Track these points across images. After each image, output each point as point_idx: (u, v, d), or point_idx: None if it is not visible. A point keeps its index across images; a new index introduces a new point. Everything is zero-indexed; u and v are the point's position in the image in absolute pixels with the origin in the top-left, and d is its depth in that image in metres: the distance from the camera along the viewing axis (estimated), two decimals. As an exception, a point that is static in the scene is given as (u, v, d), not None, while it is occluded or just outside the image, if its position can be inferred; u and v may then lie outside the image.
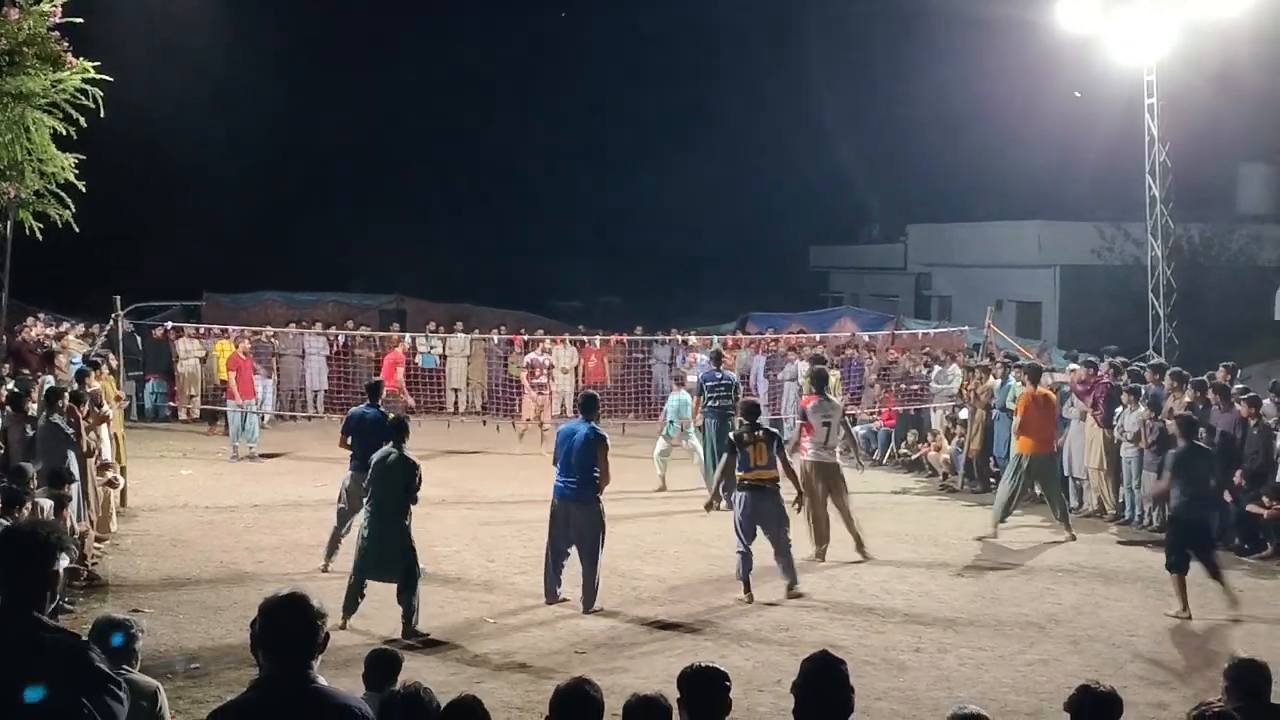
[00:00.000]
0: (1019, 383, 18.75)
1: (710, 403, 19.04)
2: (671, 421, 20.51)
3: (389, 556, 12.00)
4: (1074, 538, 16.83)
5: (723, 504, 17.01)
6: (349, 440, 14.33)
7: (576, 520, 12.92)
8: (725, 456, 14.42)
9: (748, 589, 13.52)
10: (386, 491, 12.14)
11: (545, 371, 24.09)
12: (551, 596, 13.07)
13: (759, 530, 13.74)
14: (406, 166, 50.61)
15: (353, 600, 12.07)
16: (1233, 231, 32.51)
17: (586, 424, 13.09)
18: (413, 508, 12.26)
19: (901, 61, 45.78)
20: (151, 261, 37.83)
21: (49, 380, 17.14)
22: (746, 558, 13.64)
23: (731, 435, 14.43)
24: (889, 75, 46.56)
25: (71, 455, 14.30)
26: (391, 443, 12.35)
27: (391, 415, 13.64)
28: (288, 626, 4.75)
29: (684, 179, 48.43)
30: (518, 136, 51.75)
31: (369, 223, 45.57)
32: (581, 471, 12.89)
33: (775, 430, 14.55)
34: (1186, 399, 17.28)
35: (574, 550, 13.05)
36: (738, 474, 13.90)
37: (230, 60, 42.14)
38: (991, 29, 30.73)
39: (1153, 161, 21.94)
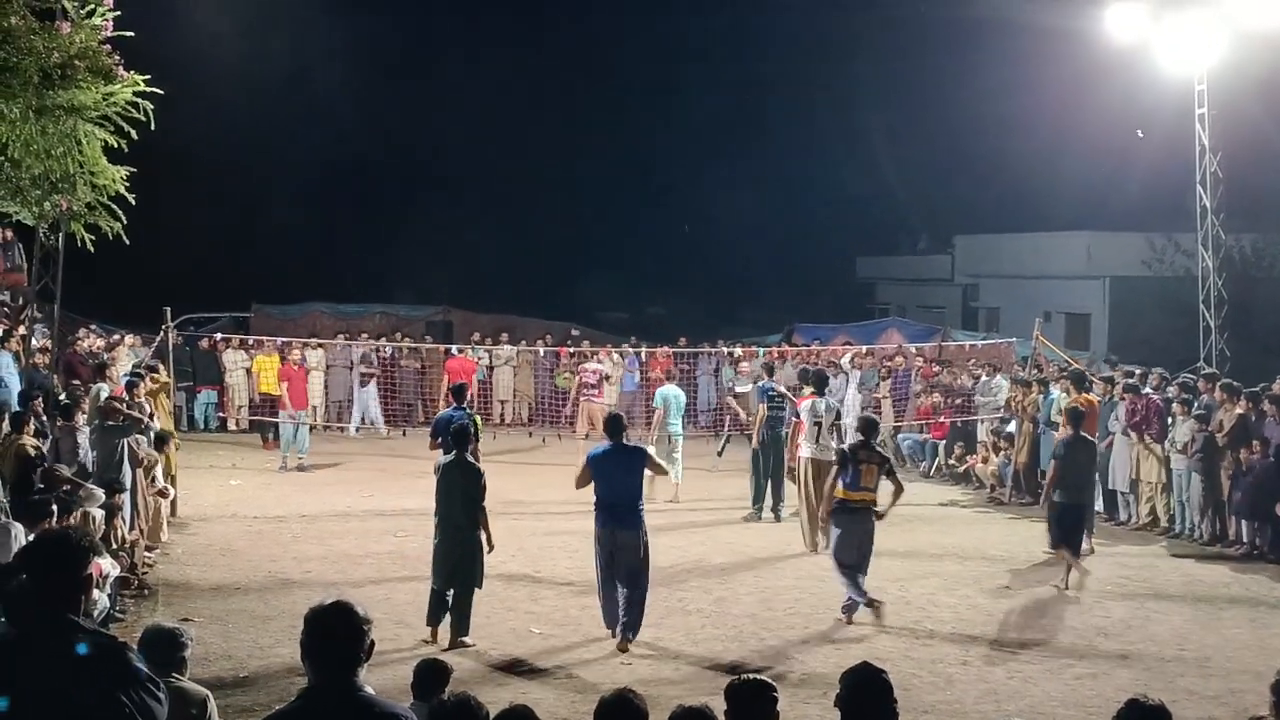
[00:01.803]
0: (1063, 393, 18.66)
1: (771, 412, 18.81)
2: (672, 421, 20.13)
3: (455, 563, 11.97)
4: (1092, 550, 16.63)
5: (773, 515, 17.12)
6: (439, 441, 14.63)
7: (623, 546, 12.12)
8: (835, 469, 13.37)
9: (849, 615, 13.05)
10: (451, 498, 12.12)
11: (600, 380, 24.31)
12: (614, 624, 12.23)
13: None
14: (452, 178, 50.75)
15: (436, 610, 12.04)
16: (1286, 243, 32.20)
17: (619, 446, 12.37)
18: (481, 514, 12.11)
19: (949, 71, 45.57)
20: (200, 273, 38.11)
21: (104, 389, 17.29)
22: (855, 583, 13.05)
23: (845, 448, 13.57)
24: (936, 85, 46.37)
25: (125, 464, 14.46)
26: (454, 451, 12.30)
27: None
28: (333, 634, 4.76)
29: (730, 189, 48.39)
30: (562, 147, 51.83)
31: (415, 234, 45.73)
32: (628, 496, 12.19)
33: (888, 455, 14.48)
34: (1239, 411, 17.14)
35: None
36: (843, 492, 13.12)
37: (278, 74, 42.43)
38: (1040, 38, 30.56)
39: (1204, 172, 21.75)
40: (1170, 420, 18.07)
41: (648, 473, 12.61)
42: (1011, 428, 21.41)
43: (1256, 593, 14.80)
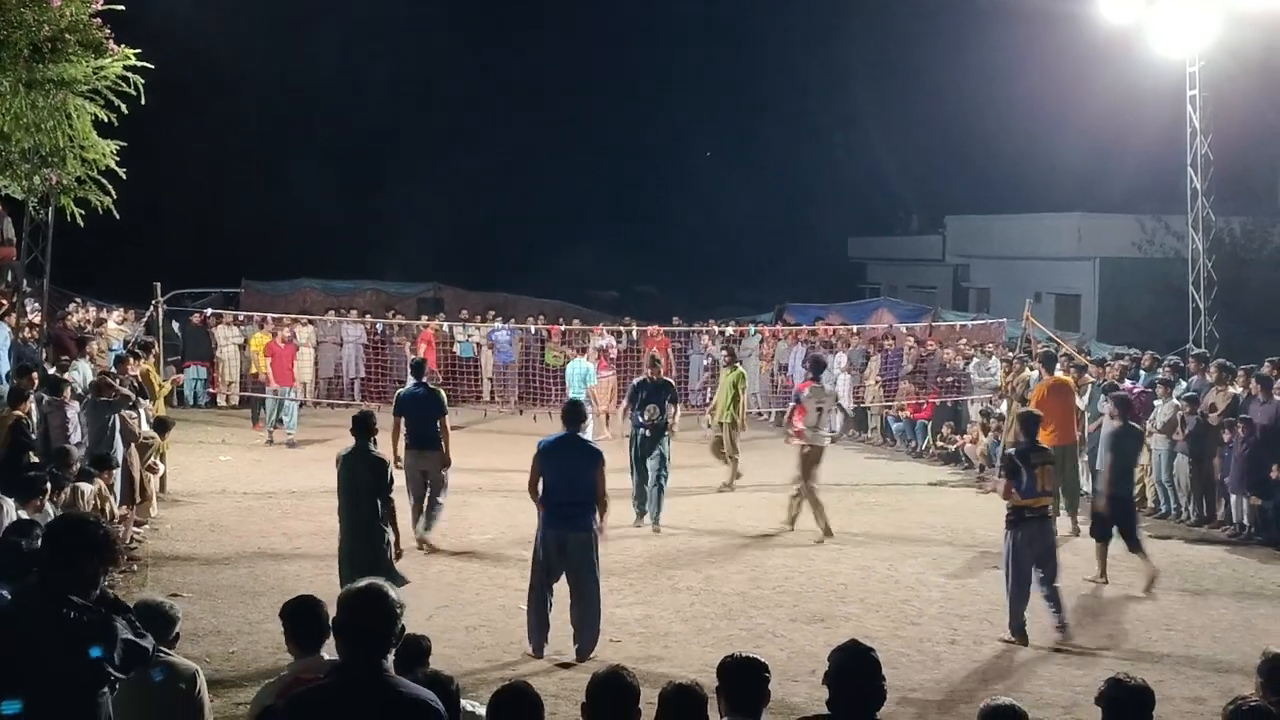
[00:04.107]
0: (1037, 372, 18.65)
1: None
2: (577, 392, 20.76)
3: (359, 566, 10.61)
4: (1078, 533, 16.51)
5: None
6: (401, 420, 14.93)
7: (572, 551, 11.04)
8: (1006, 478, 12.02)
9: (1022, 635, 11.83)
10: (355, 494, 11.37)
11: (609, 356, 24.81)
12: (539, 647, 11.09)
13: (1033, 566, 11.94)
14: (444, 156, 50.68)
15: None
16: (1274, 225, 32.26)
17: (573, 437, 11.36)
18: (388, 509, 11.37)
19: (942, 53, 45.61)
20: (191, 248, 38.07)
21: (78, 365, 17.30)
22: (1023, 601, 11.90)
23: (1014, 453, 12.16)
24: (929, 66, 46.41)
25: (117, 440, 14.46)
26: (356, 440, 11.56)
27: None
28: (364, 618, 4.86)
29: (722, 169, 48.35)
30: (555, 126, 51.81)
31: (407, 211, 45.71)
32: (578, 495, 11.07)
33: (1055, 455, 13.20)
34: (1233, 390, 17.16)
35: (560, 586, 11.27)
36: (1018, 499, 11.82)
37: (271, 47, 42.31)
38: (1032, 20, 30.57)
39: (1194, 154, 21.76)
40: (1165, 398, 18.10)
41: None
42: (1003, 408, 21.44)
43: (1244, 574, 14.86)
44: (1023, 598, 11.89)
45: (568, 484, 11.11)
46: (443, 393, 15.94)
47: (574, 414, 11.58)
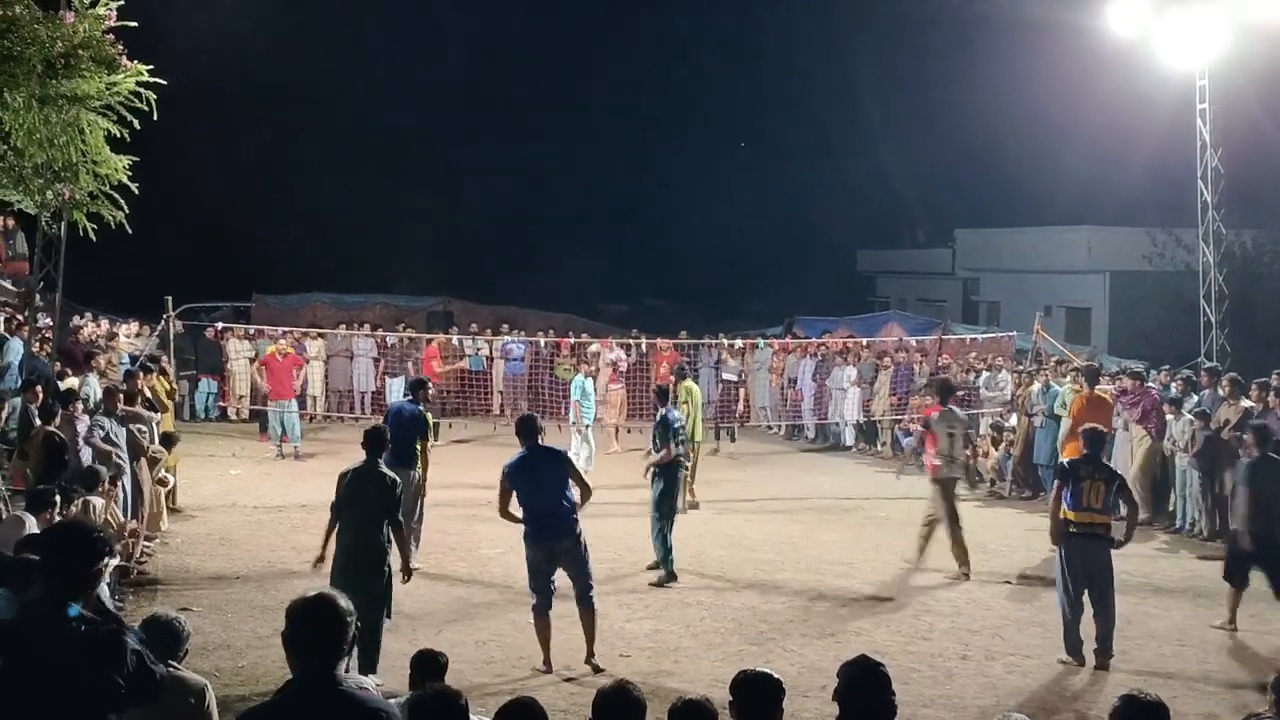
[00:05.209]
0: (1074, 387, 18.58)
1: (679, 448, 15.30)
2: (585, 409, 21.11)
3: (353, 585, 9.46)
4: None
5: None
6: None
7: (564, 556, 11.21)
8: (1055, 484, 12.11)
9: (1078, 655, 11.64)
10: (357, 511, 10.72)
11: (619, 370, 24.90)
12: (547, 660, 11.18)
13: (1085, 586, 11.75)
14: (454, 169, 50.75)
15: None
16: (1286, 238, 32.15)
17: (533, 448, 11.37)
18: (395, 530, 10.72)
19: (951, 65, 45.64)
20: (202, 262, 38.14)
21: (89, 381, 17.34)
22: (1075, 619, 11.72)
23: (1065, 463, 12.32)
24: (938, 79, 46.41)
25: (124, 456, 14.48)
26: (366, 453, 10.98)
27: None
28: (315, 627, 4.80)
29: (731, 182, 48.31)
30: (563, 139, 51.86)
31: (417, 225, 45.76)
32: (554, 504, 11.15)
33: (1120, 472, 13.13)
34: (1244, 405, 17.09)
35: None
36: (1065, 512, 11.73)
37: (281, 63, 42.40)
38: (1041, 32, 30.56)
39: (1205, 167, 21.73)
40: (1169, 418, 18.06)
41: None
42: (1013, 421, 21.46)
43: (1256, 589, 14.72)
44: (1074, 616, 11.69)
45: (543, 495, 11.22)
46: (430, 417, 15.66)
47: (527, 428, 11.56)
